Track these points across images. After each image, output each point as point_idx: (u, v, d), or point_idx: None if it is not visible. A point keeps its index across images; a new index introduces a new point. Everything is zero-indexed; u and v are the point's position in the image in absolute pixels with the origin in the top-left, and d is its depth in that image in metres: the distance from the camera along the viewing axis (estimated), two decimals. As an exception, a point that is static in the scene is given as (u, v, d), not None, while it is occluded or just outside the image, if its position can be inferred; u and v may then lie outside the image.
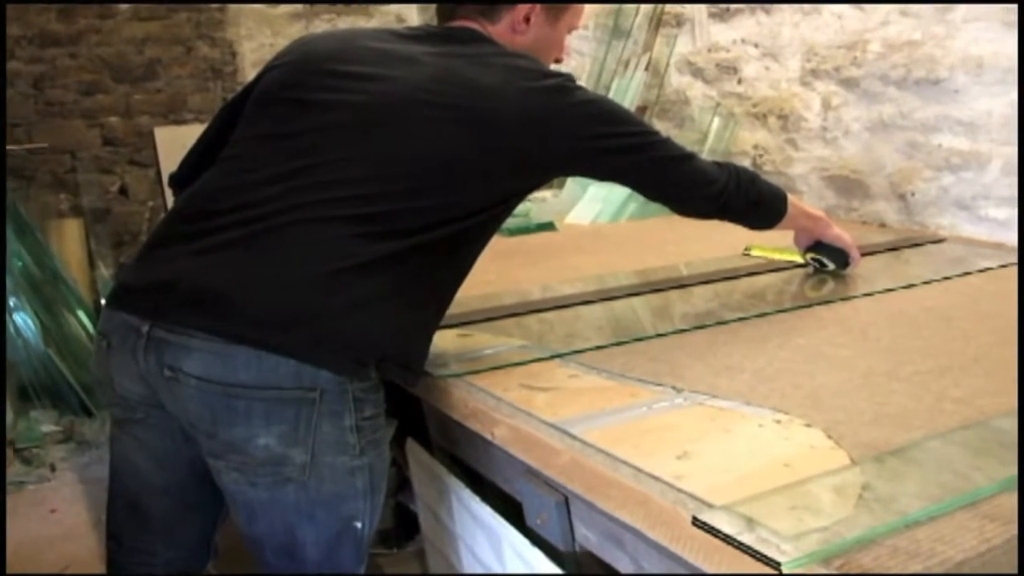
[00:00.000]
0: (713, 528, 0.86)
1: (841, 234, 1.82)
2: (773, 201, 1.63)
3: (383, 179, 1.26)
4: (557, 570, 1.23)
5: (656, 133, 1.47)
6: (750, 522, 0.86)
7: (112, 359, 1.29)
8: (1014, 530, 0.84)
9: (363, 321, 1.21)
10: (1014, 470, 0.95)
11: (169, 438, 1.31)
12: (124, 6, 4.00)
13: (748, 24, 2.75)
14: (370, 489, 1.28)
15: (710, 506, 0.90)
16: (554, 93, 1.34)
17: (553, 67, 1.48)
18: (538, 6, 1.49)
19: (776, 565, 0.80)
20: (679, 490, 0.95)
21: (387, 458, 1.34)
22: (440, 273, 1.32)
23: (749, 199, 1.56)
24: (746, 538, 0.83)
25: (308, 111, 1.32)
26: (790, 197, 1.66)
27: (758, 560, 0.81)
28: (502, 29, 1.45)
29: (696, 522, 0.88)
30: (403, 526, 2.03)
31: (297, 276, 1.20)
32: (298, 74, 1.37)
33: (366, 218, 1.23)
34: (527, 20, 1.49)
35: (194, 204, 1.32)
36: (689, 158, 1.49)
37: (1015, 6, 2.01)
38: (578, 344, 1.47)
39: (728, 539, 0.85)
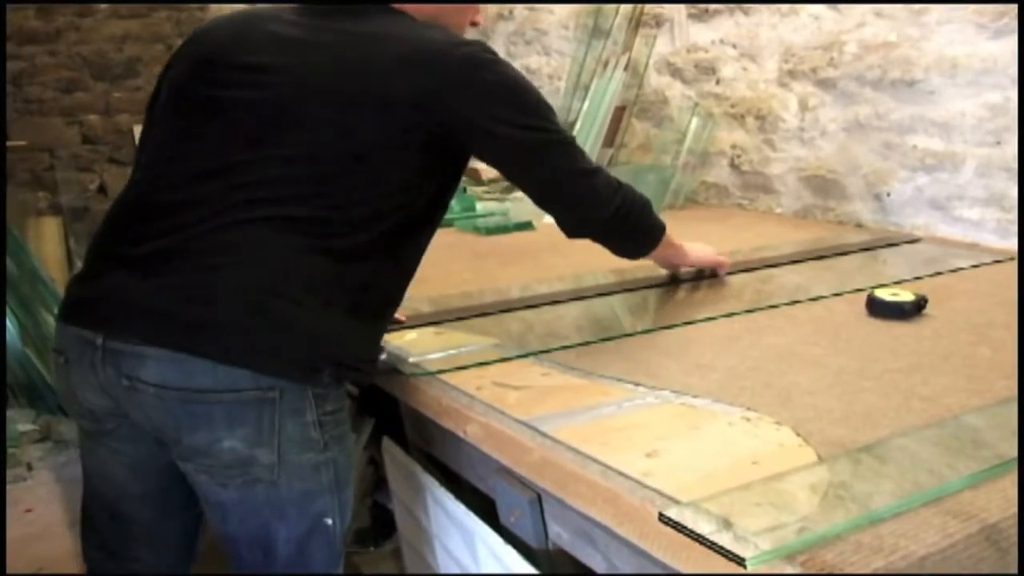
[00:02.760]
0: (679, 524, 0.87)
1: (700, 258, 1.81)
2: (652, 232, 1.57)
3: (297, 179, 1.23)
4: (530, 568, 1.23)
5: (563, 134, 1.39)
6: (716, 518, 0.87)
7: (71, 374, 1.28)
8: (975, 526, 0.85)
9: (305, 327, 1.20)
10: (977, 466, 0.96)
11: (142, 446, 1.29)
12: (103, 4, 3.98)
13: (726, 25, 2.76)
14: (336, 484, 1.27)
15: (677, 503, 0.91)
16: (464, 66, 1.28)
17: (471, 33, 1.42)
18: None
19: (741, 561, 0.80)
20: (647, 487, 0.96)
21: (351, 453, 1.33)
22: (380, 271, 1.29)
23: (635, 227, 1.51)
24: (712, 534, 0.84)
25: (212, 111, 1.29)
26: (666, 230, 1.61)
27: (723, 556, 0.82)
28: None
29: (663, 518, 0.89)
30: (380, 525, 2.03)
31: (231, 285, 1.18)
32: (196, 71, 1.34)
33: (292, 220, 1.21)
34: None
35: (126, 212, 1.30)
36: (591, 173, 1.41)
37: (988, 9, 2.03)
38: (553, 343, 1.47)
39: (694, 535, 0.85)
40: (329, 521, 1.28)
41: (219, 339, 1.17)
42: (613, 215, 1.43)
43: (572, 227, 1.47)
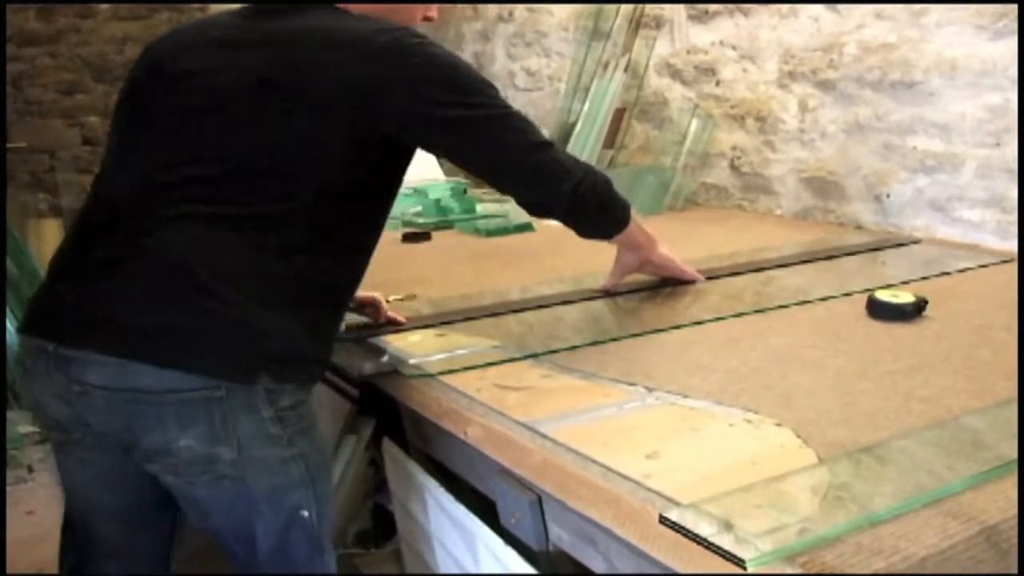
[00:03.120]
0: (680, 526, 0.87)
1: (669, 259, 1.77)
2: (618, 209, 1.55)
3: (228, 178, 1.23)
4: (531, 570, 1.23)
5: (508, 108, 1.36)
6: (717, 520, 0.87)
7: (32, 384, 1.29)
8: (975, 527, 0.85)
9: (242, 327, 1.19)
10: (977, 468, 0.96)
11: (107, 454, 1.28)
12: (104, 6, 3.98)
13: (726, 26, 2.77)
14: (309, 478, 1.26)
15: (677, 504, 0.91)
16: (388, 52, 1.25)
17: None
18: None
19: (741, 562, 0.80)
20: (648, 489, 0.96)
21: (320, 446, 1.32)
22: (319, 267, 1.27)
23: (601, 202, 1.48)
24: (712, 536, 0.84)
25: (146, 120, 1.31)
26: (632, 210, 1.58)
27: (723, 557, 0.82)
28: None
29: (663, 520, 0.89)
30: (380, 526, 2.03)
31: (170, 288, 1.19)
32: (139, 83, 1.36)
33: (225, 219, 1.21)
34: None
35: (79, 225, 1.32)
36: (545, 146, 1.38)
37: (987, 10, 2.03)
38: (554, 344, 1.47)
39: (694, 537, 0.85)
40: (305, 513, 1.27)
41: (157, 343, 1.17)
42: (575, 188, 1.41)
43: (533, 203, 1.45)
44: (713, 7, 2.80)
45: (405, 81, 1.25)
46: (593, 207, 1.48)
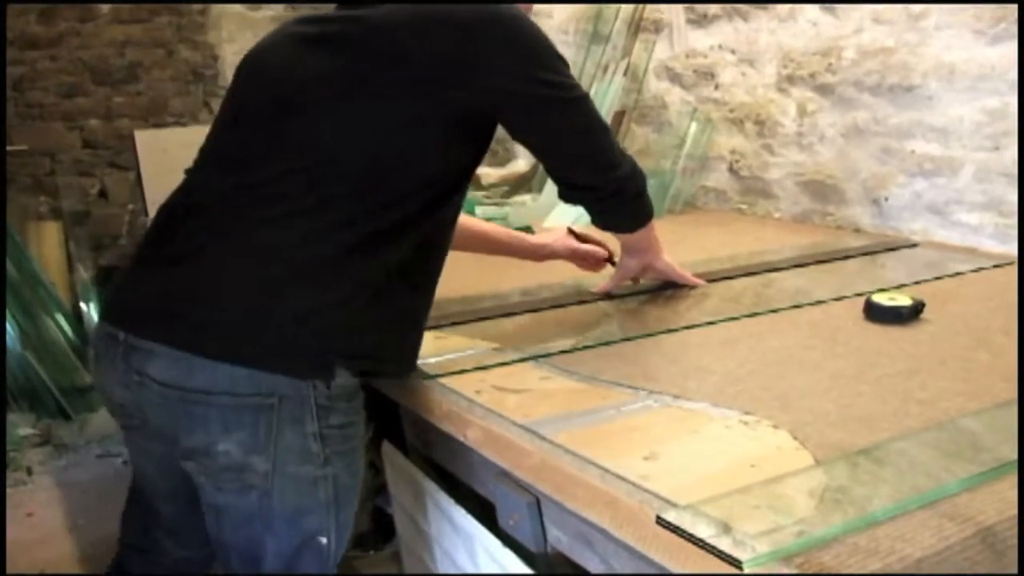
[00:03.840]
0: (677, 527, 0.87)
1: (670, 266, 1.77)
2: (648, 204, 1.56)
3: (309, 173, 1.22)
4: (529, 572, 1.24)
5: (582, 90, 1.36)
6: (714, 521, 0.87)
7: (100, 369, 1.31)
8: (971, 529, 0.86)
9: (316, 321, 1.20)
10: (975, 470, 0.96)
11: (162, 443, 1.29)
12: (105, 8, 3.99)
13: (725, 30, 2.77)
14: (335, 503, 1.26)
15: (675, 505, 0.92)
16: (476, 24, 1.24)
17: None
18: None
19: (738, 563, 0.81)
20: (645, 490, 0.96)
21: (357, 472, 1.31)
22: (403, 260, 1.27)
23: (638, 193, 1.50)
24: (709, 537, 0.85)
25: (234, 118, 1.34)
26: None
27: (720, 558, 0.83)
28: None
29: (660, 521, 0.89)
30: (380, 529, 2.04)
31: (242, 283, 1.20)
32: (233, 85, 1.38)
33: (303, 214, 1.21)
34: None
35: (161, 217, 1.34)
36: (608, 130, 1.41)
37: (985, 14, 2.04)
38: (553, 347, 1.47)
39: (691, 538, 0.86)
40: (324, 540, 1.26)
41: (223, 338, 1.18)
42: (624, 176, 1.43)
43: (582, 186, 1.44)
44: (712, 11, 2.80)
45: (495, 53, 1.24)
46: (631, 196, 1.49)
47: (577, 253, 1.83)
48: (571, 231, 1.85)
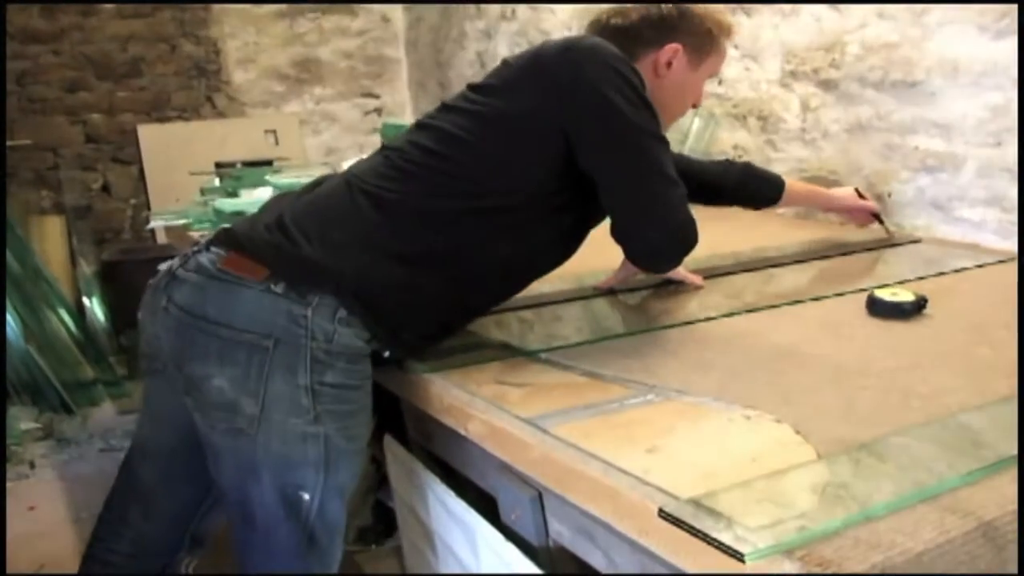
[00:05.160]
0: (678, 520, 0.88)
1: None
2: (681, 257, 1.52)
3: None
4: (531, 566, 1.24)
5: (663, 138, 1.39)
6: (715, 514, 0.88)
7: (147, 300, 1.36)
8: (972, 523, 0.86)
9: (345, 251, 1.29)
10: (976, 465, 0.96)
11: (172, 397, 1.33)
12: (108, 4, 3.99)
13: (729, 26, 2.77)
14: (324, 463, 1.27)
15: (676, 499, 0.92)
16: (572, 52, 1.35)
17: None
18: (682, 49, 1.47)
19: (739, 556, 0.81)
20: (647, 483, 0.96)
21: (355, 438, 1.32)
22: (447, 251, 1.34)
23: (684, 252, 1.46)
24: (711, 530, 0.85)
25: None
26: None
27: (722, 551, 0.83)
28: (643, 70, 1.41)
29: (662, 514, 0.89)
30: (381, 523, 2.04)
31: (312, 230, 1.30)
32: None
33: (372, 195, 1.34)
34: (669, 64, 1.48)
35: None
36: (676, 184, 1.38)
37: (989, 10, 2.04)
38: (555, 341, 1.48)
39: (693, 531, 0.86)
40: (306, 496, 1.27)
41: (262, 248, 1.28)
42: (675, 236, 1.41)
43: (643, 245, 1.43)
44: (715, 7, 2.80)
45: (582, 88, 1.32)
46: (672, 255, 1.48)
47: (857, 207, 2.17)
48: (857, 190, 2.21)
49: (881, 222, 2.20)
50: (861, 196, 2.19)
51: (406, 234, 1.31)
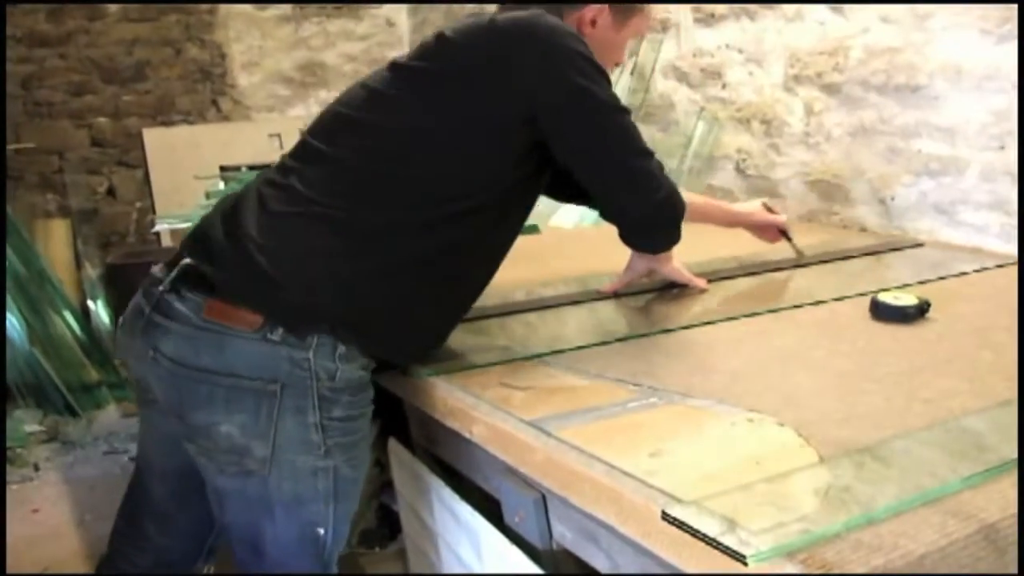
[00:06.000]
0: (682, 522, 0.88)
1: (678, 270, 1.78)
2: (678, 232, 1.54)
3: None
4: (535, 568, 1.24)
5: (625, 107, 1.38)
6: (719, 517, 0.88)
7: (123, 340, 1.34)
8: (974, 526, 0.86)
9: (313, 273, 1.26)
10: (977, 468, 0.97)
11: (172, 421, 1.32)
12: (113, 7, 4.00)
13: (732, 30, 2.77)
14: (333, 495, 1.28)
15: (680, 501, 0.92)
16: (514, 32, 1.31)
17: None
18: (607, 8, 1.46)
19: (742, 558, 0.81)
20: (650, 486, 0.97)
21: (359, 466, 1.33)
22: (426, 255, 1.31)
23: (674, 217, 1.48)
24: (713, 532, 0.85)
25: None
26: None
27: (725, 553, 0.83)
28: None
29: (665, 516, 0.90)
30: (385, 525, 2.04)
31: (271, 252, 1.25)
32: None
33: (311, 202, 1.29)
34: (593, 23, 1.47)
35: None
36: (649, 151, 1.41)
37: (992, 14, 2.04)
38: (558, 344, 1.48)
39: (696, 533, 0.86)
40: (322, 531, 1.28)
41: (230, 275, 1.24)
42: (662, 202, 1.43)
43: (618, 210, 1.46)
44: (719, 10, 2.81)
45: (529, 59, 1.30)
46: (665, 222, 1.48)
47: (765, 222, 1.95)
48: (765, 204, 2.00)
49: (789, 239, 2.02)
50: (770, 210, 1.99)
51: (387, 256, 1.28)
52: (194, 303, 1.24)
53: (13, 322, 3.32)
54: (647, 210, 1.43)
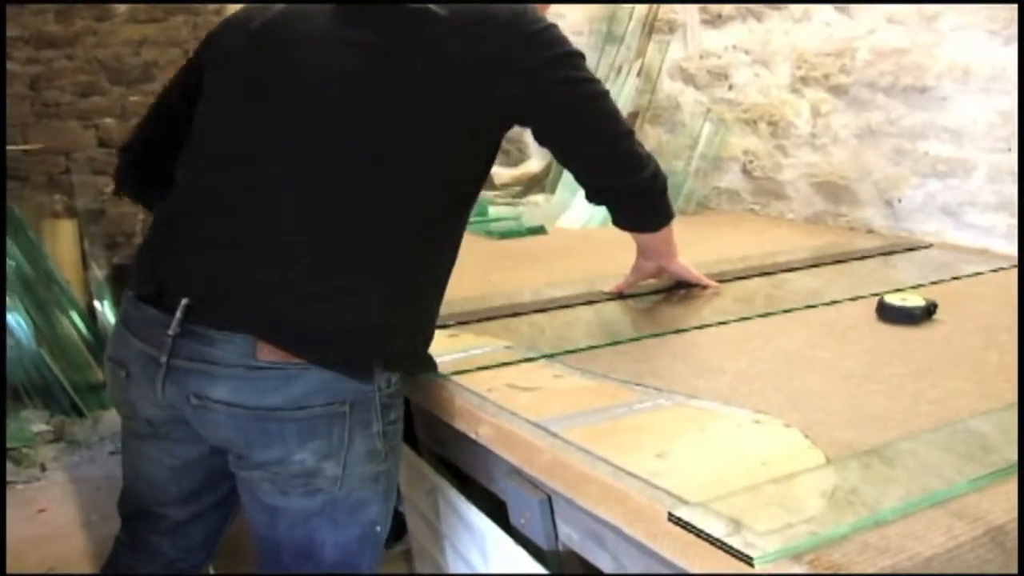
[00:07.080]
0: (688, 524, 0.88)
1: (685, 268, 1.78)
2: (669, 202, 1.58)
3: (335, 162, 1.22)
4: (541, 569, 1.24)
5: (600, 83, 1.37)
6: (725, 519, 0.88)
7: (132, 388, 1.27)
8: (981, 528, 0.86)
9: (364, 319, 1.21)
10: (985, 470, 0.97)
11: (195, 449, 1.31)
12: (121, 8, 4.01)
13: (739, 31, 2.77)
14: (386, 494, 1.30)
15: (686, 502, 0.92)
16: (497, 24, 1.25)
17: None
18: None
19: (748, 560, 0.81)
20: (657, 487, 0.96)
21: (399, 460, 1.34)
22: (434, 260, 1.30)
23: (662, 190, 1.51)
24: (720, 534, 0.85)
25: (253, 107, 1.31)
26: None
27: (731, 555, 0.83)
28: None
29: (671, 518, 0.90)
30: (391, 526, 2.04)
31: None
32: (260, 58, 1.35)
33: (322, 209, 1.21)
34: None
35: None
36: (630, 131, 1.42)
37: (1000, 15, 2.03)
38: (565, 345, 1.48)
39: (702, 535, 0.86)
40: (379, 529, 1.30)
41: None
42: (655, 173, 1.45)
43: (599, 187, 1.46)
44: (726, 11, 2.80)
45: (521, 54, 1.25)
46: (656, 195, 1.51)
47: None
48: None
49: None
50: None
51: (404, 271, 1.25)
52: (238, 346, 1.17)
53: (20, 322, 3.33)
54: (636, 186, 1.45)
